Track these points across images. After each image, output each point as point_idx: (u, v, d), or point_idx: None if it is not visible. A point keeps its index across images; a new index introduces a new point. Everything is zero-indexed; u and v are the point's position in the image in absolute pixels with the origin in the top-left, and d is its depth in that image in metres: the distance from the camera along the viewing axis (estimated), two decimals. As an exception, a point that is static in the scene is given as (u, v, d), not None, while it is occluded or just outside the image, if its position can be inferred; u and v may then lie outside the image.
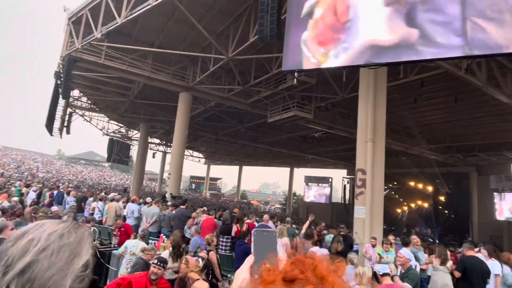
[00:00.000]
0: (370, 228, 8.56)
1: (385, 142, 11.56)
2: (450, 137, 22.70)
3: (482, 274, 5.15)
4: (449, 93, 16.15)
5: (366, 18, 5.78)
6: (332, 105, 19.36)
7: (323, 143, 28.07)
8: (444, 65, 10.70)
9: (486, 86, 12.34)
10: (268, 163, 42.46)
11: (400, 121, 21.42)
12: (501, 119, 18.45)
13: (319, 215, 28.41)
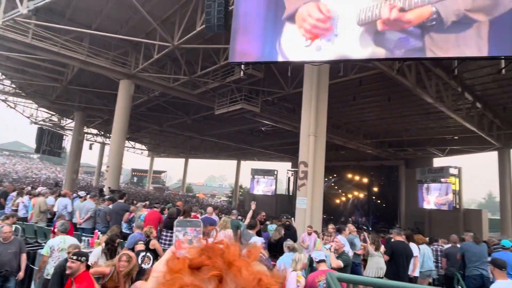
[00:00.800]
0: (311, 218, 8.98)
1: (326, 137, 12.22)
2: (383, 133, 24.72)
3: (406, 256, 5.73)
4: (383, 92, 17.51)
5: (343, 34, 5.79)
6: (279, 99, 19.79)
7: (269, 137, 28.66)
8: (380, 66, 11.54)
9: (415, 87, 13.61)
10: (215, 156, 42.19)
11: (341, 117, 22.72)
12: (426, 118, 20.57)
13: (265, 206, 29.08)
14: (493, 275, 3.97)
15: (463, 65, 14.62)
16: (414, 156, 27.15)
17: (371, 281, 1.91)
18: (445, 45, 4.54)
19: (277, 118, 20.14)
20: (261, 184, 34.67)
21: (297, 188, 9.82)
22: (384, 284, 2.08)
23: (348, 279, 1.72)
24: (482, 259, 5.36)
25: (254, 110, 17.65)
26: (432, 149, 24.97)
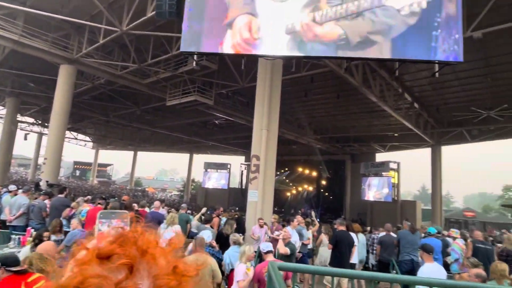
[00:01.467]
0: (262, 211, 9.13)
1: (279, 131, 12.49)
2: (332, 129, 25.92)
3: (349, 244, 6.14)
4: (333, 90, 18.31)
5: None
6: (233, 93, 19.72)
7: (223, 130, 28.50)
8: (329, 64, 12.02)
9: (361, 86, 14.42)
10: (166, 149, 40.88)
11: (293, 112, 23.33)
12: (371, 116, 21.97)
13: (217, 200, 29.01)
14: (422, 259, 4.41)
15: (404, 68, 15.81)
16: (359, 151, 28.89)
17: (310, 268, 1.99)
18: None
19: (231, 112, 20.08)
20: (214, 177, 34.44)
21: (249, 181, 9.90)
22: (323, 271, 2.19)
23: (288, 268, 1.77)
24: (414, 246, 5.95)
25: (208, 103, 17.39)
26: (375, 145, 26.79)
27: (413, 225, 6.54)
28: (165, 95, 18.30)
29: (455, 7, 5.86)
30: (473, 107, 18.83)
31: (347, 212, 27.30)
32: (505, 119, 19.06)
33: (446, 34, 5.60)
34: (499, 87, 16.77)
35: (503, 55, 13.98)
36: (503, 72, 15.32)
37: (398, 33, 5.19)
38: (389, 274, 5.95)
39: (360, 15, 5.28)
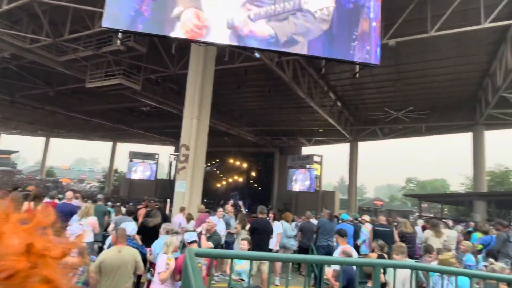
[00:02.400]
0: (189, 202, 8.95)
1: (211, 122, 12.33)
2: (263, 122, 26.62)
3: (267, 231, 6.55)
4: (265, 84, 18.74)
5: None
6: (163, 79, 18.81)
7: (151, 118, 27.07)
8: (262, 58, 12.23)
9: (291, 82, 15.04)
10: (86, 136, 37.34)
11: (226, 103, 23.29)
12: (299, 111, 23.12)
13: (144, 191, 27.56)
14: (337, 243, 4.84)
15: (330, 68, 16.94)
16: (287, 145, 30.27)
17: (228, 253, 2.01)
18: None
19: (161, 99, 19.15)
20: (140, 168, 32.61)
21: (177, 171, 9.61)
22: (242, 255, 2.24)
23: (206, 253, 1.74)
24: (331, 233, 6.52)
25: (134, 88, 16.27)
26: (301, 139, 28.37)
27: (332, 213, 7.13)
28: (85, 76, 16.57)
29: (373, 17, 6.67)
30: (385, 107, 21.14)
31: (274, 202, 28.46)
32: (411, 120, 21.84)
33: (363, 42, 6.43)
34: (407, 91, 19.12)
35: (412, 63, 15.92)
36: (411, 78, 17.48)
37: (315, 36, 6.27)
38: (300, 255, 6.44)
39: (286, 19, 6.14)
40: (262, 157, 30.90)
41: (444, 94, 19.32)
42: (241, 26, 6.17)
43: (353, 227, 7.59)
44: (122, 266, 3.90)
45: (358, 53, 6.37)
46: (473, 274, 2.81)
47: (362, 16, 6.28)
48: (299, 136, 27.88)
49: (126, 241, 4.22)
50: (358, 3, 6.28)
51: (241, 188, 32.03)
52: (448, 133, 23.70)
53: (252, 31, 6.13)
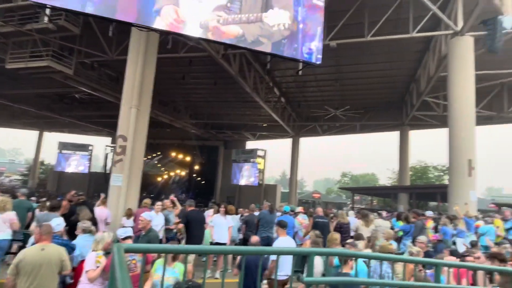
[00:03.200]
0: (126, 196, 8.46)
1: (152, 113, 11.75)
2: (208, 115, 26.25)
3: (200, 222, 6.86)
4: (211, 76, 18.44)
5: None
6: (100, 64, 17.43)
7: (85, 106, 24.92)
8: (208, 49, 11.99)
9: (237, 76, 15.02)
10: (6, 124, 33.09)
11: (169, 94, 22.43)
12: (244, 105, 23.25)
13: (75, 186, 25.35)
14: (277, 234, 4.99)
15: (275, 65, 17.27)
16: (231, 139, 30.28)
17: (159, 248, 1.92)
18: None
19: (96, 86, 17.72)
20: (72, 160, 29.90)
21: (113, 164, 9.00)
22: (175, 249, 2.15)
23: (134, 248, 1.64)
24: (271, 224, 6.73)
25: (66, 72, 14.80)
26: (246, 133, 28.62)
27: (272, 206, 7.31)
28: (5, 55, 14.62)
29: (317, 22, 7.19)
30: (325, 105, 22.29)
31: (217, 196, 28.36)
32: (347, 118, 23.35)
33: (291, 42, 7.40)
34: (345, 91, 20.37)
35: (349, 65, 16.96)
36: (348, 79, 18.65)
37: (277, 39, 7.12)
38: (232, 246, 6.57)
39: (252, 22, 6.95)
40: (206, 151, 30.50)
41: (375, 95, 20.99)
42: (212, 27, 6.77)
43: (293, 219, 7.93)
44: (45, 265, 3.52)
45: (286, 51, 7.23)
46: (395, 258, 3.10)
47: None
48: (244, 130, 28.09)
49: (51, 238, 3.82)
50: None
51: (183, 182, 31.32)
52: (379, 132, 25.89)
53: (223, 31, 6.78)
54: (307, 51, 7.34)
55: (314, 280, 1.63)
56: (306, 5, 7.49)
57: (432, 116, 19.74)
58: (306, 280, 1.62)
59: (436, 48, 13.58)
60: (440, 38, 12.76)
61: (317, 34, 7.53)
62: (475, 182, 10.13)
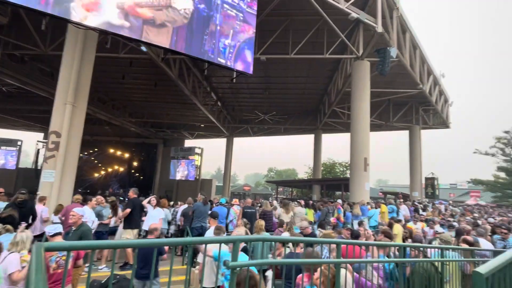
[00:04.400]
0: (58, 192, 7.44)
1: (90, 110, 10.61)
2: (147, 114, 24.64)
3: (141, 207, 6.78)
4: (151, 78, 17.35)
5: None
6: (31, 58, 15.03)
7: (13, 100, 21.27)
8: (149, 52, 11.25)
9: (177, 79, 14.39)
10: None
11: (109, 92, 20.48)
12: (183, 107, 22.41)
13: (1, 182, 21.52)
14: (209, 224, 4.91)
15: (212, 71, 17.04)
16: (170, 137, 28.98)
17: (85, 244, 1.69)
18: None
19: (26, 79, 15.26)
20: (-4, 155, 25.25)
21: (45, 160, 7.85)
22: (103, 245, 1.91)
23: (56, 246, 1.43)
24: (204, 215, 6.59)
25: (-11, 62, 12.44)
26: (184, 133, 27.68)
27: (206, 198, 7.16)
28: None
29: (249, 32, 7.20)
30: (256, 110, 22.79)
31: (155, 190, 26.85)
32: (274, 122, 24.23)
33: (211, 38, 7.55)
34: (272, 99, 21.11)
35: (277, 77, 17.62)
36: (276, 89, 19.36)
37: (178, 25, 7.11)
38: (161, 239, 6.38)
39: (161, 10, 6.94)
40: (146, 148, 28.63)
41: (296, 104, 22.21)
42: (128, 7, 6.51)
43: (226, 209, 7.91)
44: None
45: (207, 44, 7.44)
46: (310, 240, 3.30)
47: (211, 21, 7.59)
48: (183, 130, 27.12)
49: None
50: (209, 13, 7.61)
51: (122, 178, 28.90)
52: (298, 134, 27.47)
53: (137, 12, 6.60)
54: (223, 46, 7.68)
55: (238, 264, 1.62)
56: (222, 13, 7.82)
57: (339, 123, 21.68)
58: (231, 265, 1.60)
59: (343, 68, 14.92)
60: (346, 60, 14.06)
61: (230, 35, 7.81)
62: (369, 175, 11.39)
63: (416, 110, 20.48)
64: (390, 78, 15.00)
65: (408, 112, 20.53)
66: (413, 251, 3.55)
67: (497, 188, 29.48)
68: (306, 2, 10.51)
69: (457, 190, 45.34)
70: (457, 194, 42.92)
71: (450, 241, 4.87)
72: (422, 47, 14.80)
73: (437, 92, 18.20)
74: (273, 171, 64.94)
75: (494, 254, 4.42)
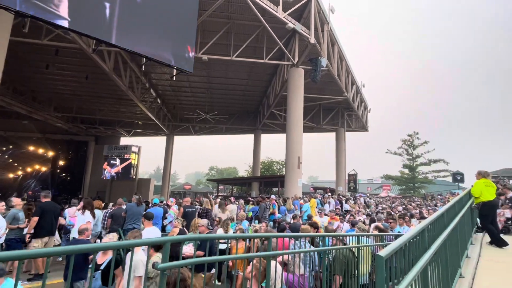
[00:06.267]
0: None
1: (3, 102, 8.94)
2: (77, 109, 22.00)
3: (54, 213, 6.00)
4: (82, 70, 15.55)
5: None
6: None
7: None
8: (78, 41, 10.05)
9: (112, 73, 13.16)
10: None
11: (28, 83, 17.65)
12: (119, 102, 20.63)
13: None
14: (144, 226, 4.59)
15: (152, 67, 16.07)
16: (104, 134, 26.40)
17: None
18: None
19: None
20: None
21: None
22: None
23: None
24: (138, 216, 6.12)
25: None
26: (120, 130, 25.47)
27: (140, 198, 6.66)
28: None
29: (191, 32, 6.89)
30: (197, 109, 22.24)
31: (85, 191, 24.19)
32: (215, 121, 23.98)
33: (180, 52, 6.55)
34: (214, 99, 20.87)
35: (219, 78, 17.47)
36: (218, 89, 19.18)
37: None
38: (87, 244, 5.81)
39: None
40: (74, 146, 25.52)
41: (238, 105, 22.41)
42: None
43: (163, 210, 7.50)
44: None
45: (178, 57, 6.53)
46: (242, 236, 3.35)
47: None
48: (118, 127, 24.91)
49: None
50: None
51: (44, 179, 25.23)
52: (239, 134, 27.72)
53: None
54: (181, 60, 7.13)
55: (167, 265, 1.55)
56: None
57: (277, 124, 22.56)
58: (159, 267, 1.52)
59: (281, 73, 15.56)
60: (284, 66, 14.69)
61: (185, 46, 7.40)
62: (301, 172, 12.11)
63: (342, 115, 22.52)
64: (321, 86, 16.18)
65: (335, 116, 22.44)
66: (333, 240, 3.89)
67: (402, 182, 34.30)
68: (248, 8, 10.66)
69: (373, 185, 51.38)
70: (373, 188, 48.61)
71: (366, 229, 5.48)
72: (347, 60, 16.33)
73: (358, 100, 20.30)
74: (215, 169, 64.33)
75: (395, 238, 5.13)
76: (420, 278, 1.78)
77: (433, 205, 16.54)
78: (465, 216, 4.17)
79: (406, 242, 1.77)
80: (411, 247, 1.89)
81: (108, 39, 5.89)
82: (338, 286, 3.24)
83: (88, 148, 25.74)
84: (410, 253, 1.86)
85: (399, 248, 1.63)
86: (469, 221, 4.94)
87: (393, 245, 1.55)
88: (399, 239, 1.69)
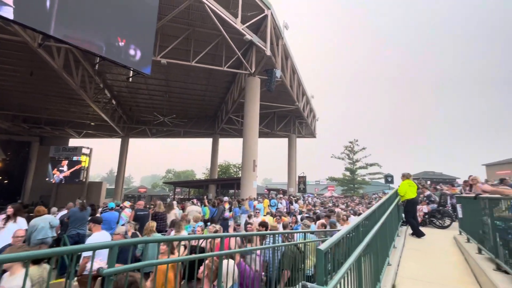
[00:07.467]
0: None
1: None
2: (18, 107, 19.38)
3: None
4: (26, 65, 13.81)
5: None
6: None
7: None
8: (22, 34, 8.91)
9: (61, 70, 11.91)
10: None
11: (-43, 75, 15.05)
12: (69, 102, 18.69)
13: None
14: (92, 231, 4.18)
15: (107, 67, 14.93)
16: (50, 135, 23.65)
17: None
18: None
19: None
20: None
21: None
22: None
23: None
24: (82, 221, 5.53)
25: None
26: (70, 130, 23.06)
27: (83, 203, 6.04)
28: None
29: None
30: (155, 112, 21.21)
31: (26, 196, 21.32)
32: (173, 124, 23.10)
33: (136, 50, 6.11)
34: (173, 102, 20.11)
35: (178, 82, 16.91)
36: (176, 93, 18.53)
37: None
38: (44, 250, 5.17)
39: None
40: (14, 146, 22.39)
41: (196, 109, 21.93)
42: None
43: (118, 214, 6.93)
44: None
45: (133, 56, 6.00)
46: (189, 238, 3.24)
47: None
48: (68, 127, 22.52)
49: None
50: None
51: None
52: (198, 137, 27.08)
53: None
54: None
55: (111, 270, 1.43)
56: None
57: (234, 129, 22.58)
58: (105, 272, 1.39)
59: (239, 81, 15.66)
60: (241, 75, 14.82)
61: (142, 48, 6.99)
62: (256, 175, 12.27)
63: (293, 122, 23.43)
64: (275, 95, 16.67)
65: (288, 123, 23.27)
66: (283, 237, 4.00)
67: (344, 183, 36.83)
68: (208, 17, 10.55)
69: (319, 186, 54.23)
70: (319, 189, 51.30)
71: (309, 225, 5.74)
72: (299, 72, 17.10)
73: (308, 109, 21.34)
74: (172, 172, 61.66)
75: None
76: (355, 267, 1.93)
77: (368, 203, 18.06)
78: (392, 212, 4.62)
79: (343, 236, 1.90)
80: (347, 240, 2.03)
81: (47, 30, 5.26)
82: (286, 280, 3.33)
83: (31, 149, 22.80)
84: (346, 246, 1.99)
85: (337, 242, 1.74)
86: (396, 216, 5.49)
87: (331, 239, 1.65)
88: (337, 234, 1.80)
